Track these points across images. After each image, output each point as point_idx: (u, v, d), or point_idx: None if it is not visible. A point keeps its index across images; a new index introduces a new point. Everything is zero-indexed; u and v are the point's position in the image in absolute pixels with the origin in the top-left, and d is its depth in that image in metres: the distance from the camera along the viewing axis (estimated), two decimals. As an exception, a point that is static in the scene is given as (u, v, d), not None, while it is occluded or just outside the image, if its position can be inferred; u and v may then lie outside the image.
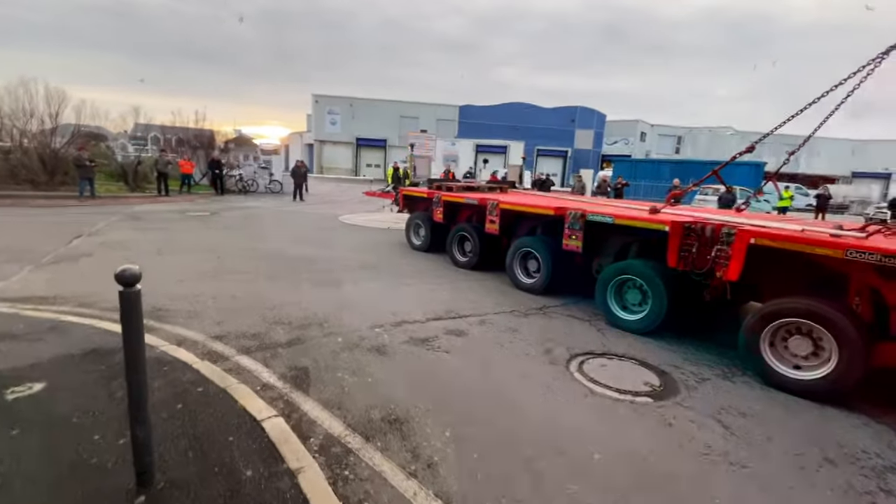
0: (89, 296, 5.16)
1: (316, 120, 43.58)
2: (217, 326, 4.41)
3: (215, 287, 5.72)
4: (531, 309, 5.54)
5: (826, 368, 3.54)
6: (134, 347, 1.96)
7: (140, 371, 2.00)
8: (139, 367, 1.99)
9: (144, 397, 2.06)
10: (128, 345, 1.97)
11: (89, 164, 13.87)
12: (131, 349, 1.95)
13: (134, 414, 2.04)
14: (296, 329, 4.43)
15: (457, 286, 6.44)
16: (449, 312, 5.20)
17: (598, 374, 3.78)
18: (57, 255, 7.06)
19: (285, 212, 14.64)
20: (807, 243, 3.75)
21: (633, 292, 5.06)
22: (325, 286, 6.01)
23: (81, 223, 10.04)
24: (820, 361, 3.62)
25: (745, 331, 3.97)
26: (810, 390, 3.59)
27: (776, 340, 3.86)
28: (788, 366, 3.77)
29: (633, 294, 5.07)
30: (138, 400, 2.02)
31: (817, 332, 3.62)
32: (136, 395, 2.02)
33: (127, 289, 1.90)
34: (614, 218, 5.32)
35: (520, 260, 6.60)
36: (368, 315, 4.94)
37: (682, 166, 23.20)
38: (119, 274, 1.90)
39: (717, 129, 47.69)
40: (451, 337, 4.44)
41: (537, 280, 6.29)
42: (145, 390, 2.08)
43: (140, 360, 2.01)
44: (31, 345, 3.62)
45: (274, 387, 3.27)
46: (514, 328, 4.82)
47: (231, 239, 9.13)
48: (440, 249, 8.49)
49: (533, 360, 4.02)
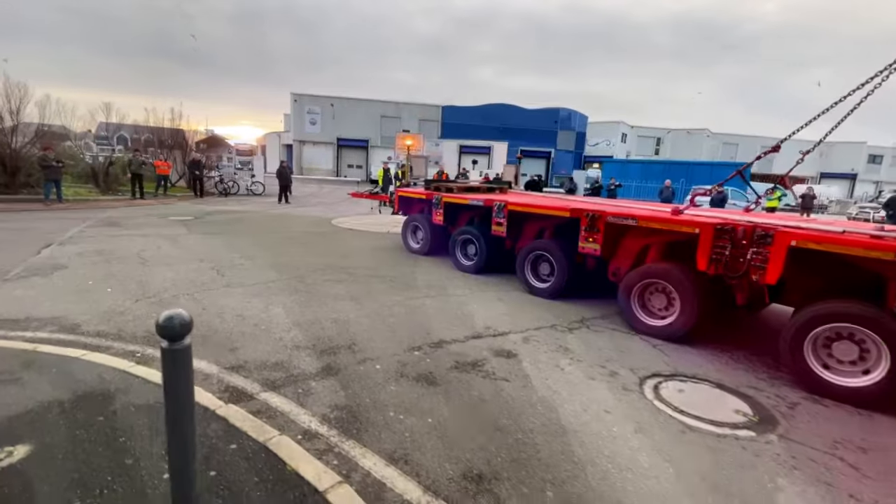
0: (69, 317, 4.42)
1: (295, 120, 42.31)
2: (231, 354, 3.76)
3: (218, 304, 5.04)
4: (572, 323, 5.08)
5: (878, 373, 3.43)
6: (183, 429, 1.37)
7: (189, 459, 1.41)
8: (188, 454, 1.40)
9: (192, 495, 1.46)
10: (174, 424, 1.38)
11: (56, 164, 12.71)
12: (179, 430, 1.37)
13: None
14: (323, 355, 3.83)
15: (482, 297, 5.93)
16: (487, 329, 4.68)
17: (680, 402, 3.34)
18: (26, 267, 6.20)
19: (273, 215, 13.81)
20: (853, 245, 3.61)
21: (658, 297, 4.83)
22: (341, 300, 5.40)
23: (50, 230, 9.06)
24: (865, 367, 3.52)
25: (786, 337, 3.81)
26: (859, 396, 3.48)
27: (818, 346, 3.71)
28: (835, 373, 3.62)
29: (658, 299, 4.83)
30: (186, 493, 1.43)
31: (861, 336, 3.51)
32: (182, 487, 1.42)
33: (174, 344, 1.31)
34: (638, 220, 5.07)
35: (531, 264, 6.30)
36: (400, 334, 4.38)
37: (670, 167, 23.35)
38: (164, 323, 1.32)
39: (695, 132, 48.76)
40: (500, 360, 3.93)
41: (551, 284, 6.00)
42: (194, 482, 1.48)
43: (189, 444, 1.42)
44: (4, 388, 2.92)
45: (318, 434, 2.69)
46: (564, 346, 4.34)
47: (222, 247, 8.36)
48: (440, 253, 8.16)
49: (602, 386, 3.54)
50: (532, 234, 6.71)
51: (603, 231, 5.37)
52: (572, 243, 5.74)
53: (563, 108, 44.40)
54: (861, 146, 49.67)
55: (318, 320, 4.65)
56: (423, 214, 8.62)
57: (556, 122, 44.14)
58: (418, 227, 8.66)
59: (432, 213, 8.09)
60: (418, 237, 8.72)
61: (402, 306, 5.31)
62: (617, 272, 5.50)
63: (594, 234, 5.44)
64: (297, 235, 10.17)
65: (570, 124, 44.87)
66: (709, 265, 4.41)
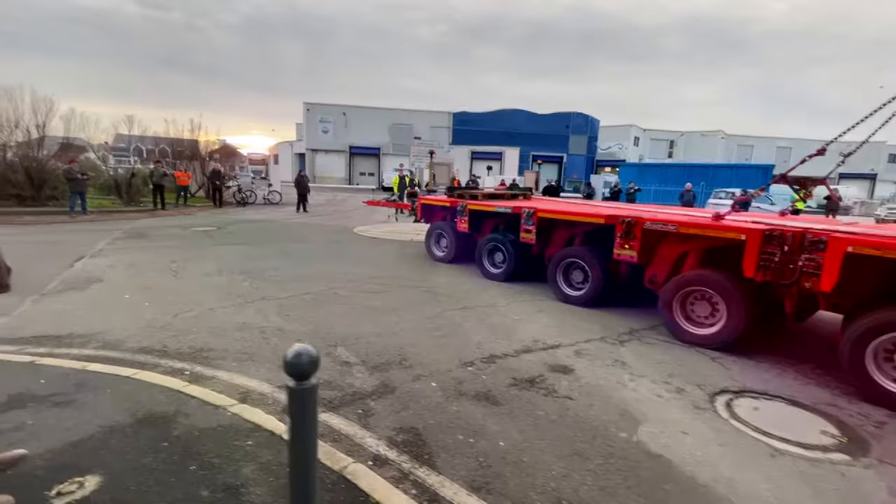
0: (112, 332, 4.37)
1: (308, 129, 42.66)
2: (281, 371, 3.64)
3: (256, 317, 4.95)
4: (621, 335, 4.90)
5: None
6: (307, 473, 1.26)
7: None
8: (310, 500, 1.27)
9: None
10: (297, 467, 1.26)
11: (81, 177, 12.87)
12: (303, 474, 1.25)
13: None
14: (375, 372, 3.70)
15: (521, 307, 5.78)
16: (535, 342, 4.53)
17: (760, 421, 3.14)
18: (62, 280, 6.19)
19: (294, 224, 13.81)
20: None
21: (701, 305, 4.70)
22: (381, 313, 5.28)
23: (80, 242, 9.11)
24: None
25: (847, 346, 3.67)
26: None
27: (879, 357, 3.57)
28: None
29: (701, 307, 4.70)
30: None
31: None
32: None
33: (301, 383, 1.20)
34: (679, 226, 4.93)
35: (563, 271, 6.20)
36: (449, 348, 4.24)
37: (690, 170, 23.03)
38: (293, 360, 1.23)
39: (709, 133, 48.18)
40: (558, 375, 3.77)
41: (585, 292, 5.92)
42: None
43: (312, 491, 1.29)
44: (63, 411, 2.84)
45: (389, 460, 2.55)
46: (620, 360, 4.17)
47: (250, 257, 8.32)
48: (464, 260, 8.17)
49: (673, 404, 3.36)
50: (562, 242, 6.62)
51: (640, 237, 5.27)
52: (606, 250, 5.63)
53: (574, 112, 44.18)
54: (881, 146, 48.62)
55: (363, 335, 4.53)
56: (447, 222, 8.59)
57: (567, 126, 43.93)
58: (442, 234, 8.66)
59: (457, 220, 8.04)
60: (442, 245, 8.69)
61: (443, 318, 5.17)
62: (654, 279, 5.41)
63: (630, 240, 5.34)
64: (322, 245, 10.12)
65: (582, 128, 44.62)
66: (756, 272, 4.27)
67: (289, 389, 1.26)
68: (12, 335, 4.28)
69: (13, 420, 2.70)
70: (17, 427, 2.61)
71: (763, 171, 22.69)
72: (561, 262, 6.21)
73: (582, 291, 5.99)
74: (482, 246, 7.48)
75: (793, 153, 49.03)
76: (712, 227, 4.75)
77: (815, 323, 5.42)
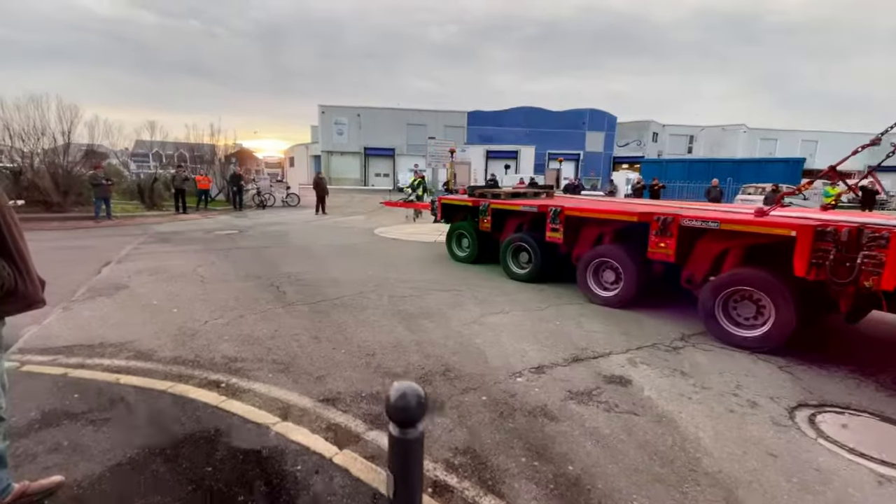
0: (143, 341, 4.23)
1: (323, 131, 42.84)
2: (319, 383, 3.46)
3: (288, 324, 4.77)
4: (674, 341, 4.59)
5: None
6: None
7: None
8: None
9: None
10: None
11: (106, 182, 12.98)
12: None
13: None
14: (421, 383, 3.46)
15: (560, 311, 5.49)
16: (583, 350, 4.25)
17: (853, 441, 2.82)
18: (90, 287, 6.12)
19: (314, 226, 13.73)
20: None
21: (746, 305, 4.46)
22: (415, 318, 5.06)
23: (106, 248, 9.13)
24: None
25: None
26: None
27: None
28: None
29: (746, 308, 4.47)
30: None
31: None
32: None
33: (405, 431, 0.97)
34: (721, 222, 4.67)
35: (593, 271, 6.01)
36: (493, 358, 3.99)
37: (715, 165, 22.34)
38: (397, 403, 0.99)
39: (730, 128, 46.91)
40: (616, 388, 3.49)
41: (617, 293, 5.70)
42: None
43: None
44: (99, 431, 2.67)
45: (450, 486, 2.32)
46: (678, 369, 3.87)
47: (274, 261, 8.20)
48: (486, 260, 8.08)
49: (749, 421, 3.06)
50: (590, 240, 6.36)
51: (676, 235, 5.00)
52: (639, 249, 5.43)
53: (590, 108, 43.52)
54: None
55: (400, 343, 4.31)
56: (469, 222, 8.46)
57: (583, 122, 43.31)
58: (464, 234, 8.57)
59: (479, 220, 7.88)
60: (464, 245, 8.58)
61: (480, 324, 4.93)
62: (691, 279, 5.17)
63: (666, 238, 5.11)
64: (344, 247, 9.97)
65: (599, 125, 43.90)
66: (808, 270, 3.98)
67: (391, 439, 1.03)
68: (44, 345, 4.18)
69: (48, 440, 2.54)
70: (53, 448, 2.45)
71: (792, 165, 21.86)
72: (591, 262, 6.01)
73: (614, 292, 5.77)
74: (507, 246, 7.30)
75: (819, 146, 47.50)
76: (758, 223, 4.47)
77: (870, 324, 5.03)
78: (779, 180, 18.69)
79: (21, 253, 1.70)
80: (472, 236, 8.24)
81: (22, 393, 3.08)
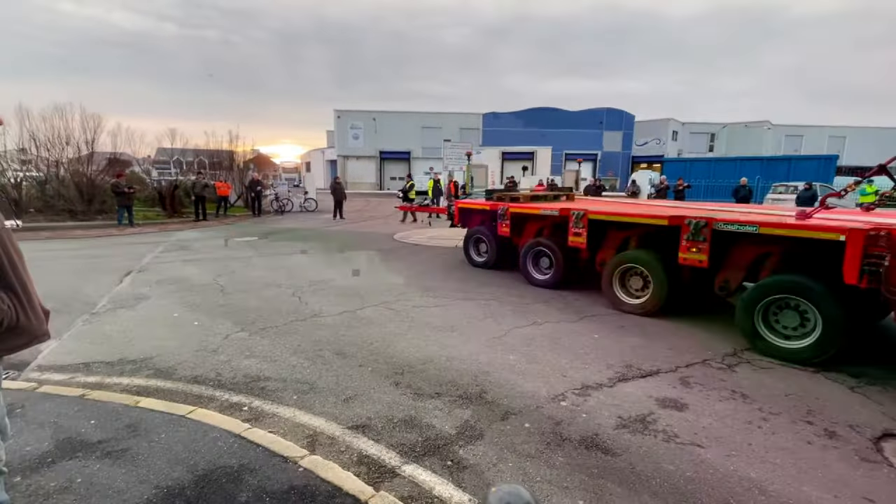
0: (163, 357, 4.07)
1: (339, 135, 43.07)
2: (347, 406, 3.22)
3: (311, 338, 4.56)
4: (725, 356, 4.23)
5: None
6: None
7: None
8: None
9: None
10: None
11: (128, 190, 13.09)
12: None
13: None
14: (455, 407, 3.21)
15: (596, 322, 5.17)
16: (628, 367, 3.92)
17: (961, 483, 2.45)
18: (111, 298, 6.03)
19: (333, 232, 13.61)
20: None
21: (789, 314, 4.18)
22: (443, 331, 4.80)
23: (128, 256, 9.12)
24: None
25: None
26: None
27: None
28: None
29: (789, 316, 4.18)
30: None
31: None
32: None
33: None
34: (759, 226, 4.42)
35: (619, 278, 5.74)
36: (531, 377, 3.70)
37: (742, 164, 21.56)
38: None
39: (753, 125, 45.55)
40: (671, 413, 3.16)
41: (646, 300, 5.44)
42: None
43: None
44: (114, 465, 2.47)
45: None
46: (738, 391, 3.51)
47: (294, 269, 8.05)
48: (505, 266, 7.92)
49: (831, 455, 2.70)
50: (615, 245, 6.10)
51: (710, 240, 4.74)
52: (668, 254, 5.20)
53: (607, 108, 42.82)
54: (951, 132, 44.69)
55: (430, 359, 4.05)
56: (486, 226, 8.26)
57: (601, 122, 42.68)
58: (481, 239, 8.38)
59: (497, 224, 7.63)
60: (481, 250, 8.37)
61: (512, 337, 4.64)
62: (726, 286, 4.91)
63: (699, 243, 4.84)
64: (364, 253, 9.78)
65: (616, 124, 43.14)
66: (860, 278, 3.66)
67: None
68: (63, 361, 4.05)
69: (61, 475, 2.35)
70: (65, 487, 2.26)
71: (824, 163, 20.93)
72: (618, 268, 5.74)
73: (642, 300, 5.49)
74: (527, 251, 7.08)
75: (847, 142, 45.78)
76: (801, 226, 4.18)
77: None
78: (811, 178, 17.88)
79: (22, 282, 1.49)
80: (491, 241, 8.03)
81: (36, 419, 2.92)
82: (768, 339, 4.25)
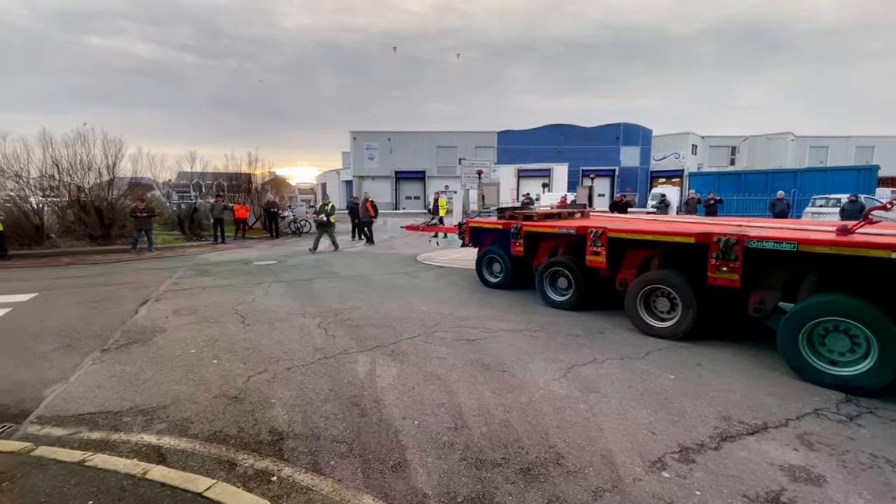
0: (178, 406, 3.55)
1: (354, 156, 43.33)
2: (397, 476, 2.62)
3: (343, 380, 4.00)
4: (838, 403, 3.52)
5: None
6: None
7: None
8: None
9: None
10: None
11: (146, 216, 12.92)
12: None
13: None
14: (529, 480, 2.58)
15: (666, 359, 4.50)
16: (727, 421, 3.25)
17: None
18: (124, 332, 5.59)
19: (353, 253, 13.19)
20: None
21: (837, 338, 3.82)
22: (492, 371, 4.19)
23: (145, 283, 8.76)
24: None
25: None
26: None
27: None
28: None
29: (838, 341, 3.82)
30: None
31: None
32: None
33: None
34: (798, 244, 4.07)
35: (643, 299, 5.31)
36: (612, 435, 3.06)
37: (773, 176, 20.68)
38: None
39: (775, 136, 44.50)
40: (810, 490, 2.48)
41: (673, 324, 5.06)
42: None
43: None
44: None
45: None
46: (880, 455, 2.82)
47: (316, 296, 7.56)
48: (518, 286, 7.71)
49: None
50: (636, 264, 5.64)
51: (741, 258, 4.39)
52: (696, 273, 4.88)
53: (624, 123, 42.35)
54: None
55: (485, 409, 3.45)
56: (500, 246, 7.90)
57: (617, 137, 42.17)
58: (495, 259, 8.00)
59: (511, 243, 7.24)
60: (495, 270, 8.10)
61: (573, 380, 4.00)
62: (761, 308, 4.47)
63: (730, 262, 4.46)
64: (389, 277, 9.26)
65: (634, 139, 42.56)
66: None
67: None
68: (66, 410, 3.56)
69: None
70: None
71: (865, 174, 19.92)
72: (642, 289, 5.29)
73: (669, 323, 5.10)
74: (543, 271, 6.70)
75: (876, 152, 44.30)
76: (845, 243, 3.84)
77: None
78: (850, 190, 16.96)
79: None
80: (506, 261, 7.72)
81: (25, 498, 2.39)
82: (815, 367, 3.88)
